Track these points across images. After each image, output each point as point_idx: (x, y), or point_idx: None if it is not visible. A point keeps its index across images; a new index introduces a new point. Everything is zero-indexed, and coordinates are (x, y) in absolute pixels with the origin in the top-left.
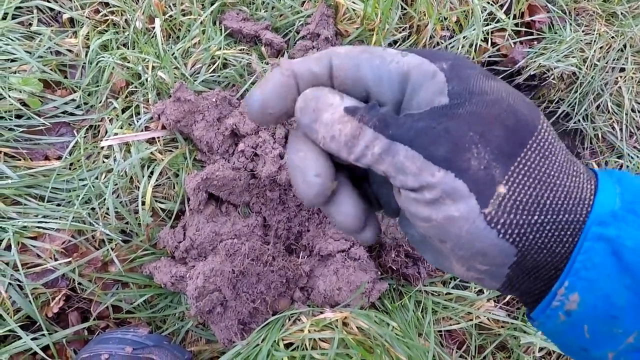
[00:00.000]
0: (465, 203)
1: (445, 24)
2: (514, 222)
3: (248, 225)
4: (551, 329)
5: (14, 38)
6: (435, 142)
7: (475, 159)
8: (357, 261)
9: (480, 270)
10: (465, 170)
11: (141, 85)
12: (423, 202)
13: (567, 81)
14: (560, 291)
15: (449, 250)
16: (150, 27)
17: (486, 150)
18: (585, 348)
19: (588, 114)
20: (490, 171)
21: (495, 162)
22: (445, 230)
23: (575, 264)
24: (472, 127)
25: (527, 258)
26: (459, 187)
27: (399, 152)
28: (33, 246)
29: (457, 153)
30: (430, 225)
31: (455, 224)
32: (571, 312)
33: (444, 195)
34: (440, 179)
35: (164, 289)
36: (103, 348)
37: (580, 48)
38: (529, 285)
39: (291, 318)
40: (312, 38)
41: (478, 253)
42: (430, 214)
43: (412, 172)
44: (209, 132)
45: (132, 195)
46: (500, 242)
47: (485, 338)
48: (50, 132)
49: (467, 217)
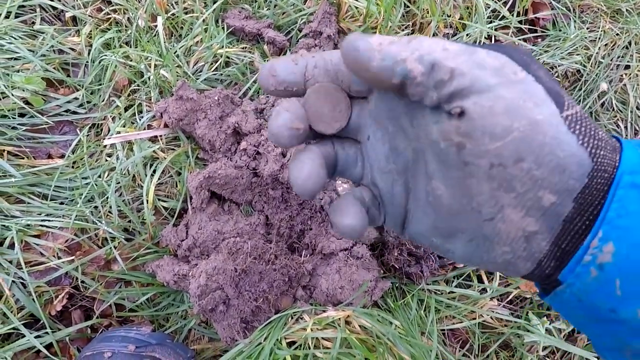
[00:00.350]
0: (547, 106)
1: (448, 22)
2: (587, 132)
3: (250, 224)
4: (579, 289)
5: (16, 36)
6: (511, 51)
7: (541, 71)
8: (359, 260)
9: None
10: (539, 77)
11: (143, 83)
12: (502, 110)
13: (572, 79)
14: (594, 243)
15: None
16: (152, 26)
17: (543, 70)
18: (614, 309)
19: (592, 112)
20: (554, 85)
21: (553, 82)
22: (527, 142)
23: (609, 212)
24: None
25: (594, 183)
26: (539, 90)
27: (479, 52)
28: (36, 244)
29: (529, 64)
30: (507, 141)
31: (539, 129)
32: (604, 265)
33: (526, 96)
34: (522, 78)
35: (167, 288)
36: (106, 346)
37: (584, 45)
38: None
39: (294, 317)
40: (314, 36)
41: (558, 167)
42: (512, 123)
43: (492, 66)
44: (212, 131)
45: (134, 193)
46: (580, 150)
47: (489, 337)
48: (53, 131)
49: (550, 121)
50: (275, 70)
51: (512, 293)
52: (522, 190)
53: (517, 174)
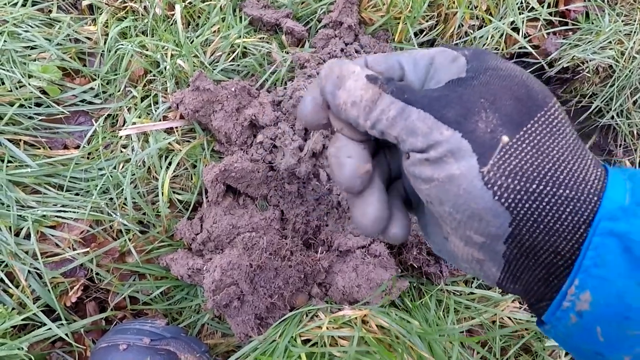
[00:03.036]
0: (467, 161)
1: (475, 13)
2: (510, 187)
3: (265, 219)
4: (563, 332)
5: (33, 25)
6: (447, 106)
7: (483, 122)
8: (377, 258)
9: (477, 244)
10: (472, 131)
11: (160, 73)
12: (427, 162)
13: (603, 75)
14: (571, 290)
15: (447, 215)
16: (169, 14)
17: (495, 115)
18: (600, 352)
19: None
20: (495, 135)
21: (502, 128)
22: (445, 190)
23: (585, 260)
24: (484, 95)
25: (523, 231)
26: (464, 146)
27: (412, 114)
28: (52, 235)
29: (466, 116)
30: (431, 186)
31: (454, 182)
32: (583, 312)
33: (449, 153)
34: (448, 137)
35: (181, 281)
36: (121, 338)
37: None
38: (530, 274)
39: (308, 314)
40: (334, 26)
41: (474, 216)
42: (432, 174)
43: (422, 132)
44: (228, 123)
45: (149, 185)
46: (495, 205)
47: (508, 340)
48: (69, 121)
49: (466, 175)
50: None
51: None
52: (452, 226)
53: (442, 214)
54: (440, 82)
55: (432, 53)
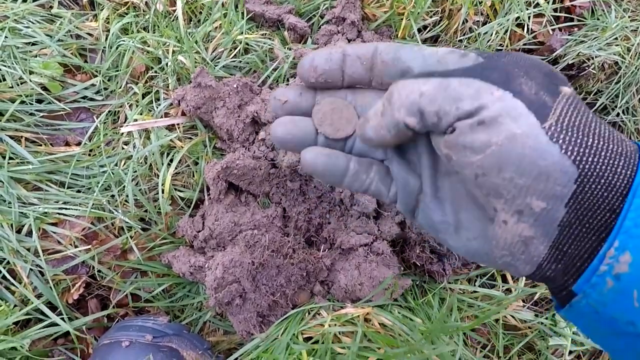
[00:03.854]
0: (526, 119)
1: (479, 9)
2: (572, 140)
3: (267, 216)
4: (596, 300)
5: (34, 21)
6: (487, 71)
7: (526, 85)
8: (380, 256)
9: (534, 215)
10: (520, 92)
11: (161, 70)
12: (481, 127)
13: (608, 71)
14: (610, 252)
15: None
16: (171, 10)
17: (533, 82)
18: (632, 321)
19: (629, 107)
20: (540, 96)
21: (543, 92)
22: (507, 154)
23: (625, 221)
24: (515, 66)
25: (586, 189)
26: (517, 105)
27: (452, 83)
28: (54, 232)
29: (509, 79)
30: (486, 154)
31: (518, 141)
32: (621, 275)
33: (504, 113)
34: (500, 96)
35: (183, 279)
36: (124, 335)
37: (625, 35)
38: (580, 244)
39: (310, 312)
40: (337, 22)
41: (540, 175)
42: (489, 138)
43: (469, 95)
44: (230, 120)
45: (151, 183)
46: (563, 159)
47: (511, 339)
48: (70, 118)
49: (529, 133)
50: (315, 61)
51: (537, 294)
52: (509, 196)
53: (501, 183)
54: None
55: (441, 52)
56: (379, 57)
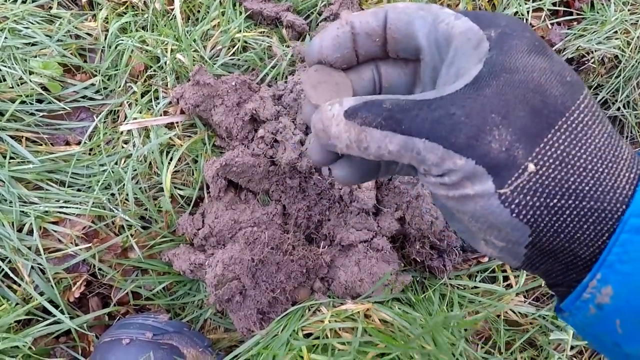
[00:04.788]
0: (482, 184)
1: (477, 4)
2: (529, 204)
3: (267, 214)
4: (581, 321)
5: (34, 21)
6: (455, 130)
7: (497, 141)
8: (379, 252)
9: (497, 247)
10: (485, 154)
11: (160, 68)
12: (443, 186)
13: (608, 65)
14: (592, 283)
15: (467, 222)
16: (169, 9)
17: (508, 131)
18: (617, 343)
19: (630, 101)
20: (512, 152)
21: (519, 143)
22: (462, 205)
23: (610, 256)
24: (495, 108)
25: (543, 240)
26: (478, 171)
27: (417, 145)
28: (54, 231)
29: (477, 137)
30: (448, 200)
31: (470, 200)
32: (603, 305)
33: (464, 179)
34: (461, 166)
35: (183, 277)
36: (124, 333)
37: (624, 29)
38: (550, 266)
39: (311, 309)
40: (335, 19)
41: (493, 227)
42: (447, 193)
43: (433, 162)
44: (228, 117)
45: (151, 181)
46: (514, 220)
47: (513, 335)
48: (70, 117)
49: (482, 196)
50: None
51: (538, 289)
52: (474, 229)
53: (462, 219)
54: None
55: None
56: (389, 32)
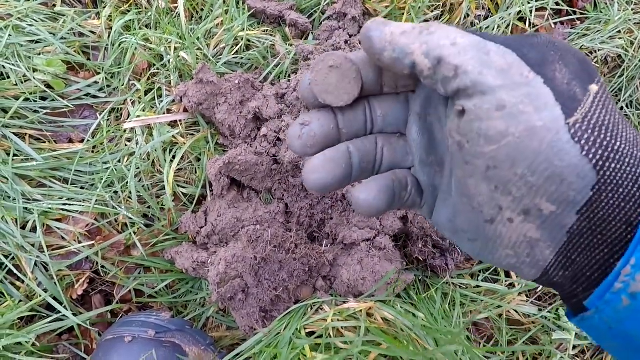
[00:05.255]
0: (551, 112)
1: (481, 3)
2: (597, 142)
3: (270, 212)
4: (610, 317)
5: (37, 19)
6: (526, 47)
7: (559, 72)
8: (382, 251)
9: (542, 217)
10: (552, 79)
11: (163, 67)
12: (499, 113)
13: (611, 65)
14: (626, 270)
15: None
16: (173, 7)
17: (567, 69)
18: None
19: (633, 100)
20: (571, 87)
21: (575, 82)
22: (522, 148)
23: None
24: (552, 48)
25: (603, 197)
26: (546, 94)
27: (489, 46)
28: (58, 228)
29: (545, 62)
30: (501, 145)
31: (536, 135)
32: (637, 294)
33: (527, 100)
34: (530, 80)
35: (186, 275)
36: (127, 330)
37: (628, 29)
38: (589, 255)
39: (313, 307)
40: (338, 18)
41: (554, 177)
42: (507, 127)
43: (499, 67)
44: (232, 116)
45: (154, 179)
46: (582, 162)
47: (515, 334)
48: (73, 115)
49: (550, 128)
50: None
51: (540, 289)
52: (518, 194)
53: (512, 178)
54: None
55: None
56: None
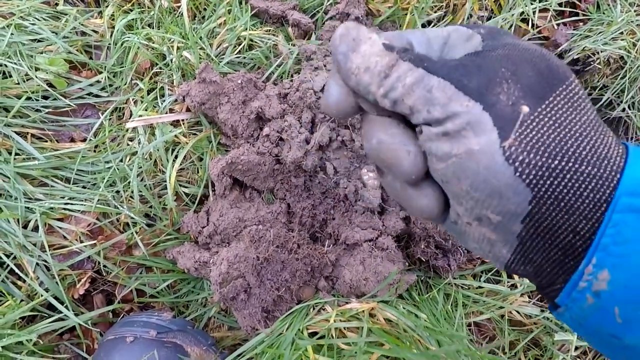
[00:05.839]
0: (487, 136)
1: (484, 3)
2: (532, 163)
3: (272, 212)
4: (578, 314)
5: (40, 18)
6: (468, 75)
7: (505, 93)
8: (384, 251)
9: (492, 224)
10: (493, 104)
11: (166, 66)
12: (445, 137)
13: (614, 66)
14: (588, 269)
15: (464, 194)
16: (175, 6)
17: (516, 87)
18: (616, 335)
19: (635, 102)
20: (517, 108)
21: (524, 100)
22: (464, 167)
23: (603, 238)
24: (504, 64)
25: (543, 210)
26: (484, 120)
27: (431, 82)
28: (59, 228)
29: (488, 86)
30: (448, 164)
31: (474, 157)
32: (600, 292)
33: (468, 126)
34: (469, 109)
35: (187, 275)
36: (128, 331)
37: (630, 30)
38: (544, 255)
39: (315, 307)
40: (341, 18)
41: (493, 193)
42: (450, 149)
43: (441, 102)
44: (234, 115)
45: (156, 178)
46: (516, 181)
47: (517, 335)
48: (75, 114)
49: (486, 151)
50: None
51: None
52: (468, 206)
53: (460, 192)
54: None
55: (445, 32)
56: None
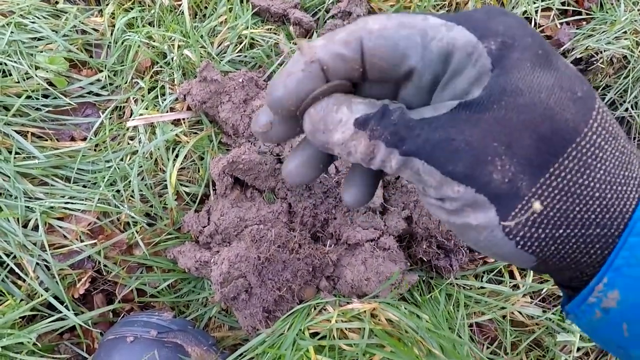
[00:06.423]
0: (485, 214)
1: (486, 2)
2: (534, 236)
3: (273, 212)
4: (586, 325)
5: (40, 16)
6: (454, 158)
7: (499, 172)
8: (386, 251)
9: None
10: (486, 184)
11: (167, 64)
12: (444, 210)
13: (617, 66)
14: (599, 287)
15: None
16: (176, 5)
17: (512, 162)
18: (622, 346)
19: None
20: (515, 184)
21: (523, 174)
22: (465, 234)
23: (617, 259)
24: (497, 136)
25: (549, 264)
26: (479, 200)
27: (416, 166)
28: (60, 227)
29: (477, 168)
30: (450, 225)
31: (473, 230)
32: (609, 309)
33: (465, 206)
34: (460, 194)
35: (188, 274)
36: (128, 330)
37: (634, 29)
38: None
39: (317, 307)
40: (343, 17)
41: (497, 255)
42: (448, 219)
43: (432, 185)
44: (235, 114)
45: (156, 178)
46: (519, 252)
47: (519, 335)
48: (76, 113)
49: (485, 226)
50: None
51: (545, 290)
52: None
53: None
54: (455, 93)
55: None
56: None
